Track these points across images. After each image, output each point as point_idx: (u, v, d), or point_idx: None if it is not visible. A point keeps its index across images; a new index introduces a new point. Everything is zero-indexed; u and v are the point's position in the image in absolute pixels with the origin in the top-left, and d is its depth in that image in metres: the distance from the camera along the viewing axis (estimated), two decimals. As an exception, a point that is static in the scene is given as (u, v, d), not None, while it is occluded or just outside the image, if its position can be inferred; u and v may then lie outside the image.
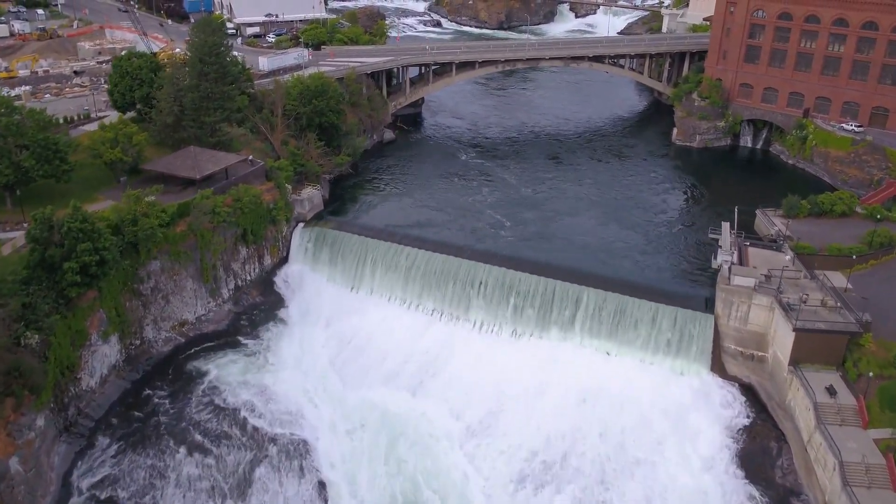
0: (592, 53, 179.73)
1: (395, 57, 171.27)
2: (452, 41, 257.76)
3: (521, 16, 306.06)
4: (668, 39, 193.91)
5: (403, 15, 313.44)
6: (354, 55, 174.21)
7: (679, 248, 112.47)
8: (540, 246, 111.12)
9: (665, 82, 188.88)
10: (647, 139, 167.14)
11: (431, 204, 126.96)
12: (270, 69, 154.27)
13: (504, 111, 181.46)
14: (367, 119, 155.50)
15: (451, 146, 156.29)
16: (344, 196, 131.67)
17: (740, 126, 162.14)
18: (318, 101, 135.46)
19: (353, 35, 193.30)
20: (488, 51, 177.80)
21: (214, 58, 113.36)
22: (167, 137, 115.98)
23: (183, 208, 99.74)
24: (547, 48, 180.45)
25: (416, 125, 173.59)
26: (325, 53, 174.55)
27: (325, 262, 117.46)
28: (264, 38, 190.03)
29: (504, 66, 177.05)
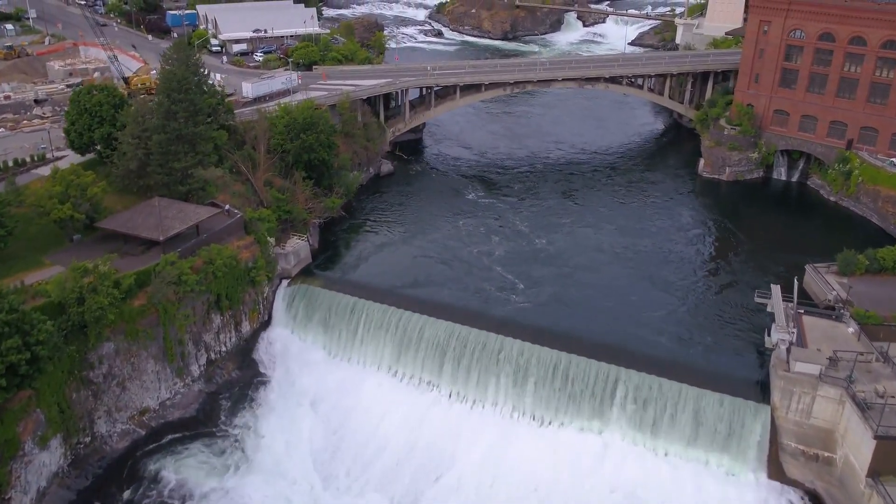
0: (609, 74, 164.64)
1: (393, 79, 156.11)
2: (455, 59, 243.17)
3: (527, 25, 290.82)
4: (690, 57, 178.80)
5: (403, 24, 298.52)
6: (349, 77, 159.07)
7: (721, 314, 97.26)
8: (559, 313, 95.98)
9: (687, 104, 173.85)
10: (670, 170, 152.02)
11: (433, 255, 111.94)
12: (255, 96, 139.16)
13: (512, 137, 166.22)
14: (363, 151, 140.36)
15: (455, 181, 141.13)
16: (335, 244, 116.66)
17: (774, 157, 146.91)
18: (307, 136, 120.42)
19: (348, 52, 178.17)
20: (495, 71, 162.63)
21: (184, 94, 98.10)
22: (131, 184, 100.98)
23: (142, 277, 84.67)
24: (559, 68, 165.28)
25: (416, 153, 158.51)
26: (317, 75, 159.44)
27: (312, 326, 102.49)
28: (252, 56, 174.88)
29: (513, 89, 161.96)
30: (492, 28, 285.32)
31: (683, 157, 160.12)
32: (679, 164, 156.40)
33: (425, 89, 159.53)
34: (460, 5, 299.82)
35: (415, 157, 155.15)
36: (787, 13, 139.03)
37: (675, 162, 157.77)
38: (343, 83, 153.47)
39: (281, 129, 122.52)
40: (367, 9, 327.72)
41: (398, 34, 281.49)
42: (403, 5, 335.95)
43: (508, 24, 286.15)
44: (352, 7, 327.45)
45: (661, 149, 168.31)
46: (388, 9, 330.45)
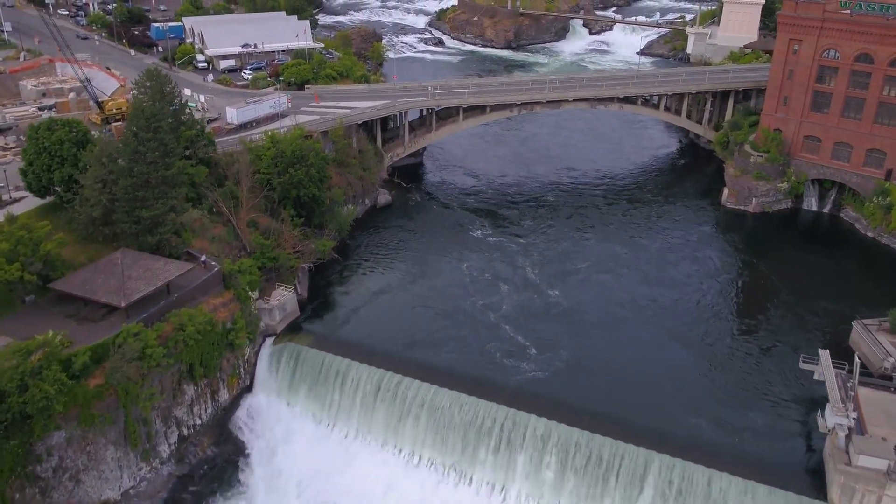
0: (623, 93, 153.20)
1: (391, 100, 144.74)
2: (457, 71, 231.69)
3: (531, 34, 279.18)
4: (709, 74, 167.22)
5: (402, 32, 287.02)
6: (344, 98, 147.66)
7: (763, 384, 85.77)
8: (576, 383, 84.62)
9: (705, 124, 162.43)
10: (691, 200, 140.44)
11: (435, 305, 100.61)
12: (241, 122, 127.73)
13: (519, 162, 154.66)
14: (358, 182, 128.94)
15: (458, 214, 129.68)
16: (327, 292, 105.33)
17: (804, 186, 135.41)
18: (296, 171, 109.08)
19: (343, 68, 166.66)
20: (501, 92, 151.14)
21: (153, 133, 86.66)
22: (96, 231, 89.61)
23: (100, 352, 73.35)
24: (570, 87, 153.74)
25: (416, 179, 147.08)
26: (309, 95, 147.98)
27: (298, 391, 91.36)
28: (240, 74, 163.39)
29: (520, 111, 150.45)
30: (495, 37, 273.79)
31: (703, 184, 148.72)
32: (699, 191, 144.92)
33: (426, 111, 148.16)
34: (462, 13, 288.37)
35: (414, 185, 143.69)
36: (819, 31, 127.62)
37: (696, 189, 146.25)
38: (337, 105, 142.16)
39: (267, 161, 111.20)
40: (366, 15, 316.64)
41: (397, 43, 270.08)
42: (403, 12, 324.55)
43: (512, 32, 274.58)
44: (349, 14, 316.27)
45: (678, 174, 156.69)
46: (387, 15, 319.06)
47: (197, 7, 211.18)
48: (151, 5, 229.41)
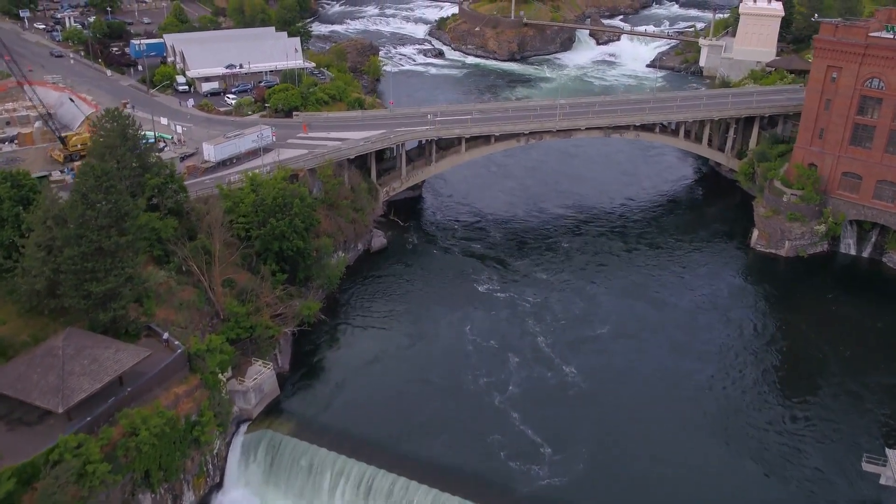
0: (640, 121, 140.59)
1: (387, 130, 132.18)
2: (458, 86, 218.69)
3: (535, 45, 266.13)
4: (732, 97, 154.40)
5: (400, 43, 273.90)
6: (335, 126, 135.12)
7: (821, 489, 73.17)
8: (602, 492, 71.91)
9: (728, 152, 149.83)
10: (716, 241, 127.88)
11: (432, 380, 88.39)
12: (219, 159, 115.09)
13: (527, 197, 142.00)
14: (350, 226, 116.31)
15: (460, 261, 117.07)
16: (311, 362, 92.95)
17: (841, 227, 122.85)
18: (278, 222, 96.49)
19: (336, 91, 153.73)
20: (507, 119, 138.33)
21: (104, 193, 73.97)
22: (41, 305, 77.06)
23: (29, 472, 60.69)
24: (581, 114, 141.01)
25: (415, 216, 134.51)
26: (297, 124, 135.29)
27: (276, 488, 78.79)
28: (224, 97, 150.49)
29: (527, 140, 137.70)
30: (498, 48, 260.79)
31: (728, 220, 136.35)
32: (725, 230, 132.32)
33: (425, 141, 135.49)
34: (463, 22, 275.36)
35: (413, 223, 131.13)
36: (862, 58, 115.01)
37: (721, 227, 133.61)
38: (327, 136, 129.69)
39: (246, 209, 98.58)
40: (363, 24, 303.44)
41: (395, 55, 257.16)
42: (402, 20, 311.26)
43: (515, 43, 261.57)
44: (346, 22, 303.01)
45: (700, 208, 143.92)
46: (385, 24, 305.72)
47: (182, 21, 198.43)
48: (135, 17, 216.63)
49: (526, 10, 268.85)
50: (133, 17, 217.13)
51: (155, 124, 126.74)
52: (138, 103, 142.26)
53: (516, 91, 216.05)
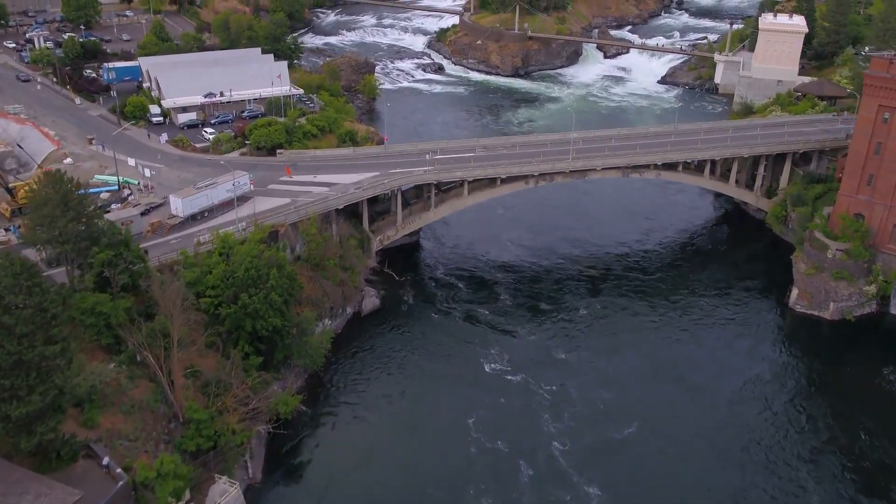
0: (662, 160, 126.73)
1: (380, 172, 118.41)
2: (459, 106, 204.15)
3: (540, 59, 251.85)
4: (761, 130, 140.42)
5: (398, 56, 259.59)
6: (323, 167, 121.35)
7: None
8: None
9: (757, 191, 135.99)
10: (749, 299, 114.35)
11: (429, 491, 74.81)
12: (189, 213, 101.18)
13: (537, 244, 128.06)
14: (338, 289, 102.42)
15: (463, 328, 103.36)
16: (288, 468, 79.26)
17: (892, 286, 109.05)
18: (251, 297, 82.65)
19: (326, 122, 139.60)
20: (514, 159, 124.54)
21: (25, 295, 59.97)
22: (-46, 422, 63.17)
23: None
24: (597, 152, 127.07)
25: (411, 267, 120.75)
26: (281, 164, 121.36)
27: None
28: (202, 131, 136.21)
29: (537, 182, 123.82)
30: (501, 63, 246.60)
31: (760, 271, 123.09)
32: (757, 282, 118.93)
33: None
34: (464, 35, 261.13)
35: (409, 276, 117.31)
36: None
37: (753, 279, 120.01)
38: (314, 180, 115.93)
39: (215, 280, 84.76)
40: (359, 35, 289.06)
41: (392, 71, 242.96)
42: (400, 31, 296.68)
43: (519, 58, 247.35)
44: (341, 34, 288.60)
45: (728, 255, 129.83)
46: (382, 35, 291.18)
47: (162, 39, 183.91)
48: (114, 34, 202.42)
49: (530, 21, 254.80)
50: (112, 34, 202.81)
51: (119, 166, 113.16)
52: (107, 138, 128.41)
53: (520, 113, 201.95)
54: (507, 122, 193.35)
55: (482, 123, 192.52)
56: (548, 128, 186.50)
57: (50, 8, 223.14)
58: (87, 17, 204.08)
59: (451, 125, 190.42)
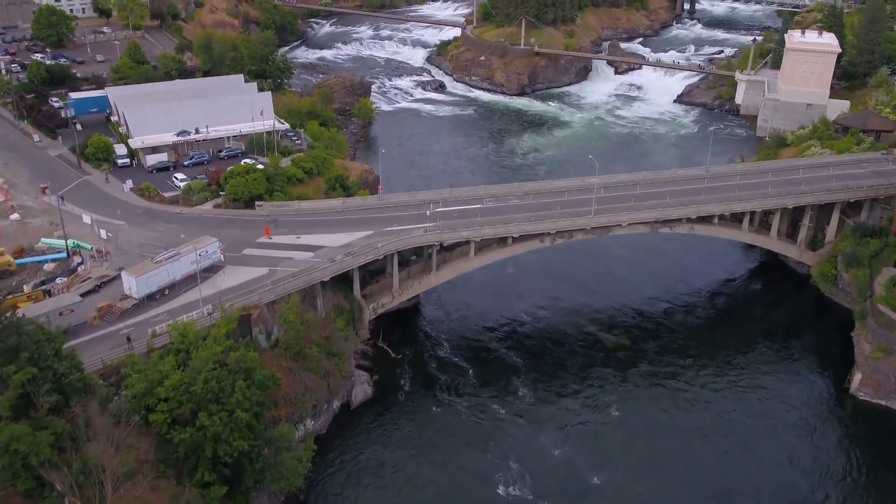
0: (696, 213, 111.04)
1: (374, 231, 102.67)
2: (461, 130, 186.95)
3: (548, 76, 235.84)
4: (804, 172, 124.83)
5: (396, 73, 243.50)
6: (308, 223, 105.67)
7: None
8: None
9: (801, 244, 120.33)
10: (800, 379, 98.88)
11: None
12: (145, 294, 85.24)
13: (550, 301, 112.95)
14: (322, 382, 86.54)
15: (472, 427, 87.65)
16: None
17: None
18: (211, 417, 66.87)
19: (314, 163, 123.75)
20: (529, 213, 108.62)
21: None
22: None
23: None
24: (622, 204, 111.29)
25: (409, 337, 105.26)
26: (259, 220, 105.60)
27: None
28: (173, 175, 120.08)
29: (553, 240, 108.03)
30: (506, 81, 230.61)
31: (810, 343, 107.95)
32: (809, 357, 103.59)
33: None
34: (466, 50, 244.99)
35: (407, 351, 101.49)
36: None
37: (801, 355, 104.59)
38: (297, 241, 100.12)
39: (168, 391, 68.95)
40: (354, 48, 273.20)
41: (389, 89, 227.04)
42: (398, 43, 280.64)
43: (526, 75, 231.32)
44: (336, 46, 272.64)
45: (768, 323, 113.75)
46: (380, 48, 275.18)
47: (138, 61, 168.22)
48: (87, 53, 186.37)
49: (536, 35, 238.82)
50: (86, 54, 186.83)
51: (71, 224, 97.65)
52: (64, 185, 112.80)
53: (526, 140, 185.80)
54: (511, 151, 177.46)
55: (484, 153, 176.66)
56: (556, 160, 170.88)
57: (22, 23, 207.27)
58: (58, 36, 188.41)
59: (450, 154, 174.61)
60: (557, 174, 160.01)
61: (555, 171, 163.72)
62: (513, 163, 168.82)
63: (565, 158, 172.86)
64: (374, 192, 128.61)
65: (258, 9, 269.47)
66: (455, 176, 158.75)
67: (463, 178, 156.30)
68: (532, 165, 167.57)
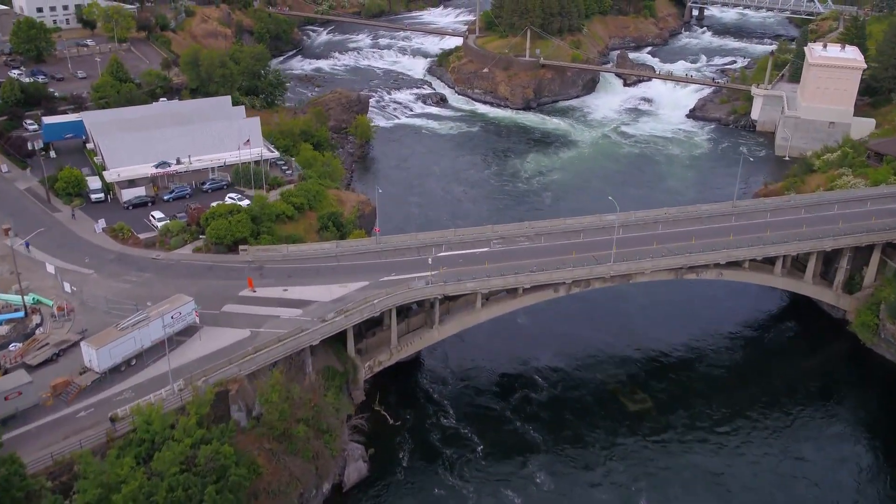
0: (726, 258, 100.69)
1: (369, 282, 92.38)
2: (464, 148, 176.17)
3: (554, 89, 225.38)
4: (839, 207, 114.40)
5: (395, 85, 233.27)
6: (298, 271, 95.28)
7: None
8: None
9: (837, 288, 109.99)
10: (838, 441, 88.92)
11: None
12: (107, 367, 74.76)
13: (566, 351, 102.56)
14: (309, 466, 76.13)
15: None
16: None
17: None
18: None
19: (306, 197, 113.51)
20: (541, 258, 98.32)
21: None
22: None
23: None
24: (644, 252, 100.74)
25: (408, 400, 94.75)
26: (243, 267, 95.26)
27: None
28: (150, 214, 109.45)
29: (570, 290, 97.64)
30: (510, 94, 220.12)
31: (853, 400, 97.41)
32: (850, 420, 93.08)
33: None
34: (468, 62, 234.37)
35: (407, 417, 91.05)
36: None
37: (844, 415, 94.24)
38: (284, 294, 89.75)
39: (126, 499, 58.57)
40: (352, 58, 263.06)
41: (388, 104, 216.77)
42: (397, 52, 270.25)
43: (531, 88, 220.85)
44: (333, 56, 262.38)
45: (805, 376, 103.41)
46: (378, 58, 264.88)
47: (120, 79, 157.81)
48: (68, 69, 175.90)
49: (542, 46, 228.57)
50: (67, 69, 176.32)
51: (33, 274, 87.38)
52: (29, 225, 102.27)
53: (531, 160, 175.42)
54: (514, 174, 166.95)
55: (486, 176, 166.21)
56: (563, 184, 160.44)
57: (1, 36, 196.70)
58: (38, 50, 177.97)
59: (450, 178, 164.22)
60: (565, 201, 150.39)
61: (562, 197, 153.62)
62: (516, 188, 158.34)
63: (573, 183, 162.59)
64: (370, 228, 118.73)
65: (252, 17, 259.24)
66: (456, 205, 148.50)
67: (464, 208, 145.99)
68: (538, 191, 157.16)
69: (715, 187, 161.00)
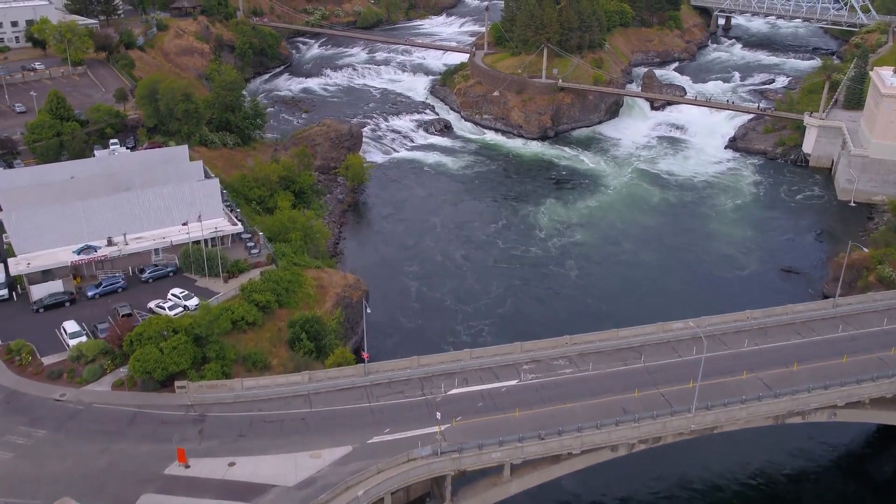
0: (847, 399, 73.15)
1: (352, 447, 65.07)
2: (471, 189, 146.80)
3: (574, 115, 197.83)
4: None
5: (393, 109, 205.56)
6: (253, 425, 67.91)
7: None
8: None
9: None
10: None
11: None
12: None
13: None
14: None
15: None
16: None
17: None
18: None
19: (273, 292, 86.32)
20: (589, 409, 70.65)
21: None
22: None
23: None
24: (735, 391, 73.11)
25: None
26: (178, 417, 67.80)
27: None
28: (70, 314, 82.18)
29: (632, 449, 70.20)
30: (524, 121, 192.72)
31: None
32: None
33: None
34: (476, 83, 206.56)
35: None
36: None
37: None
38: (228, 469, 62.36)
39: None
40: (346, 76, 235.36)
41: (385, 132, 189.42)
42: (396, 68, 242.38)
43: (548, 115, 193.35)
44: (324, 74, 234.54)
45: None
46: (375, 75, 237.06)
47: (62, 117, 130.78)
48: (5, 100, 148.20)
49: (559, 65, 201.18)
50: (3, 101, 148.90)
51: None
52: None
53: (548, 209, 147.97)
54: (528, 231, 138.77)
55: (494, 233, 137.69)
56: (589, 248, 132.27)
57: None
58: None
59: (452, 236, 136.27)
60: (593, 276, 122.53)
61: (587, 268, 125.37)
62: (531, 255, 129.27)
63: (600, 247, 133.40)
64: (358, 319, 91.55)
65: (233, 30, 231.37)
66: (458, 278, 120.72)
67: (468, 287, 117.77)
68: (558, 259, 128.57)
69: (776, 249, 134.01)
